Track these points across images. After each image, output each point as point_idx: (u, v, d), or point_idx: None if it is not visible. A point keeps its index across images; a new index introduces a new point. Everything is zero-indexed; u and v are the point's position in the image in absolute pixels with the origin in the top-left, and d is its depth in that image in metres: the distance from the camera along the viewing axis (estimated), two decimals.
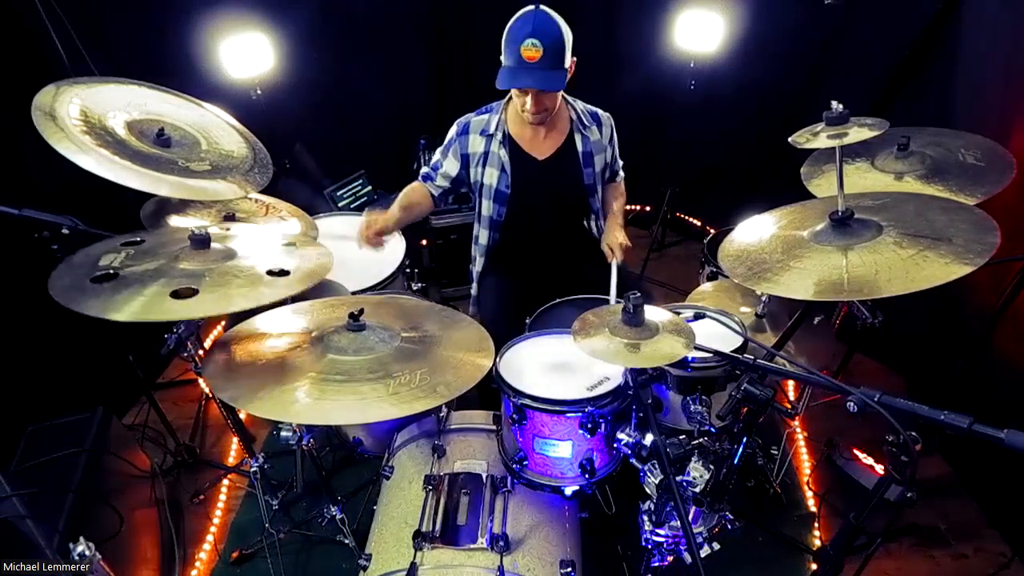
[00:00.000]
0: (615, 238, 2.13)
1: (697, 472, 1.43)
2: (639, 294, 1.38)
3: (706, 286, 2.21)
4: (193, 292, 1.35)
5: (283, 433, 1.84)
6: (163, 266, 1.42)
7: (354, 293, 2.06)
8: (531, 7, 1.89)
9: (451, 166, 2.20)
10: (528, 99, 1.95)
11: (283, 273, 1.49)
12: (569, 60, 1.93)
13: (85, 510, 1.74)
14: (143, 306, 1.29)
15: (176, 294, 1.33)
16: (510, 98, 2.12)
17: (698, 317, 1.79)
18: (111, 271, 1.36)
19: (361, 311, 1.48)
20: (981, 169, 1.71)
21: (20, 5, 2.30)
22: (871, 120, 1.44)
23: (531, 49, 1.85)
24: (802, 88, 2.97)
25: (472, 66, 3.51)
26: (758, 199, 1.88)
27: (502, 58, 1.94)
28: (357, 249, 2.20)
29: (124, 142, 1.61)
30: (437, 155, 2.25)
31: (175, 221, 1.95)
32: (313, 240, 1.97)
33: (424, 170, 2.28)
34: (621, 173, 2.39)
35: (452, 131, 2.19)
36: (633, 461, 1.52)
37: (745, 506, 2.21)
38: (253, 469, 1.97)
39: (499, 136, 2.12)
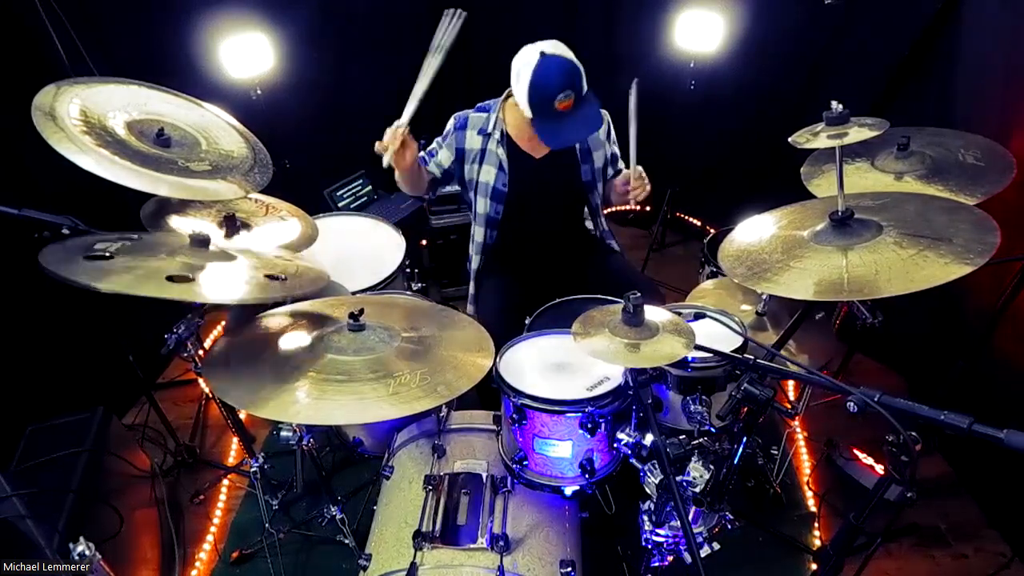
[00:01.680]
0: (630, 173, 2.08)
1: (697, 472, 1.43)
2: (639, 294, 1.38)
3: (707, 284, 2.21)
4: (189, 280, 1.35)
5: (283, 433, 1.84)
6: (159, 257, 1.42)
7: (354, 293, 2.06)
8: (538, 54, 1.86)
9: (445, 157, 2.20)
10: None
11: (281, 279, 1.51)
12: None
13: (85, 510, 1.74)
14: (136, 280, 1.28)
15: (172, 279, 1.33)
16: (507, 96, 2.12)
17: (698, 317, 1.79)
18: (107, 254, 1.35)
19: (361, 311, 1.48)
20: (981, 169, 1.71)
21: (20, 5, 2.30)
22: (871, 120, 1.44)
23: (566, 100, 1.85)
24: (802, 88, 2.96)
25: (472, 66, 3.51)
26: (758, 199, 1.88)
27: (525, 108, 1.91)
28: (362, 240, 2.16)
29: (124, 142, 1.60)
30: (433, 144, 2.24)
31: (175, 221, 1.95)
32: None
33: (421, 153, 2.23)
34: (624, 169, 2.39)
35: (450, 124, 2.19)
36: (633, 461, 1.52)
37: (745, 506, 2.20)
38: (253, 469, 1.97)
39: (497, 135, 2.12)
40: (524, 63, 1.89)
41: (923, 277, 1.25)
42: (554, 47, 1.89)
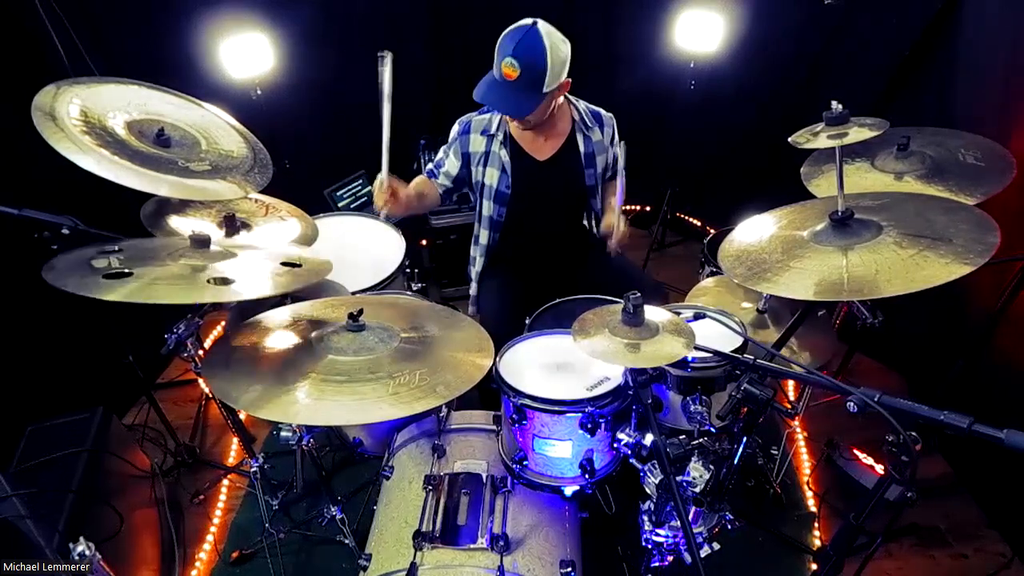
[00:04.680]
0: (609, 223, 2.12)
1: (697, 472, 1.43)
2: (639, 294, 1.38)
3: (707, 281, 2.21)
4: (228, 281, 1.38)
5: (283, 433, 1.84)
6: (173, 264, 1.44)
7: (354, 293, 2.06)
8: (528, 21, 1.86)
9: (452, 165, 2.20)
10: None
11: (296, 265, 1.54)
12: (551, 85, 1.89)
13: (85, 510, 1.74)
14: (181, 290, 1.34)
15: (212, 282, 1.37)
16: None
17: (698, 317, 1.79)
18: (125, 271, 1.36)
19: (361, 311, 1.48)
20: (981, 169, 1.72)
21: (20, 5, 2.30)
22: (871, 120, 1.44)
23: (508, 67, 1.84)
24: (802, 88, 2.96)
25: (472, 67, 3.49)
26: (758, 199, 1.88)
27: None
28: (362, 239, 2.15)
29: (124, 142, 1.60)
30: (440, 154, 2.24)
31: (175, 221, 1.95)
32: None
33: (429, 167, 2.27)
34: (623, 171, 2.38)
35: (454, 130, 2.19)
36: (633, 461, 1.52)
37: (745, 506, 2.21)
38: (253, 469, 1.97)
39: (500, 136, 2.12)
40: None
41: (923, 277, 1.25)
42: (550, 30, 1.87)
